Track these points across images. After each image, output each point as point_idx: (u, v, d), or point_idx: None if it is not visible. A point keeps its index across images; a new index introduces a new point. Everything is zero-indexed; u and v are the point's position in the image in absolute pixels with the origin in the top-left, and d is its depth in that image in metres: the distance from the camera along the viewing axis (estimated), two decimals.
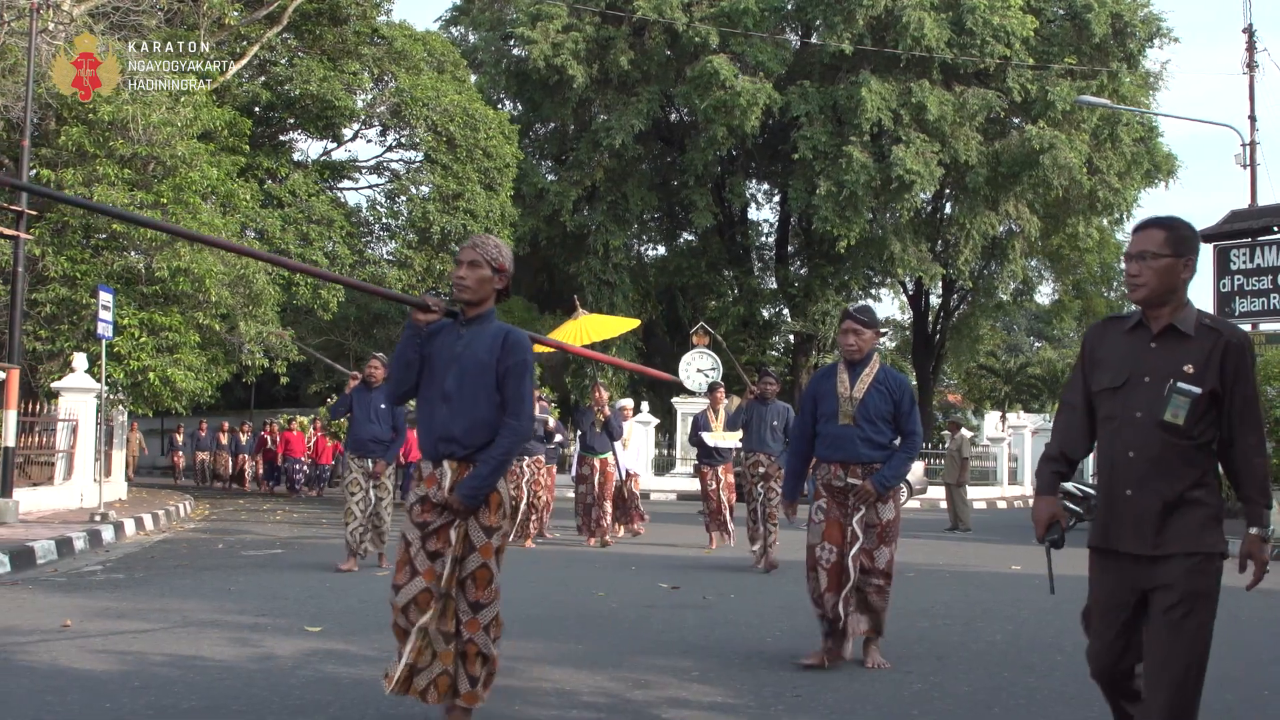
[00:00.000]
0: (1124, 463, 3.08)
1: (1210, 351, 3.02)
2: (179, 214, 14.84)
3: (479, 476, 3.73)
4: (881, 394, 5.28)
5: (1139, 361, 3.09)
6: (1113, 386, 3.12)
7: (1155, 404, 3.02)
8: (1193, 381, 3.00)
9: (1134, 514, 3.05)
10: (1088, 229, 28.21)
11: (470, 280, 3.86)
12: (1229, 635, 6.54)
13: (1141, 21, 26.82)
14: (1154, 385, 3.04)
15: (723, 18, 25.67)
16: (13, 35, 14.31)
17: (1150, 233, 3.12)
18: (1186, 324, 3.06)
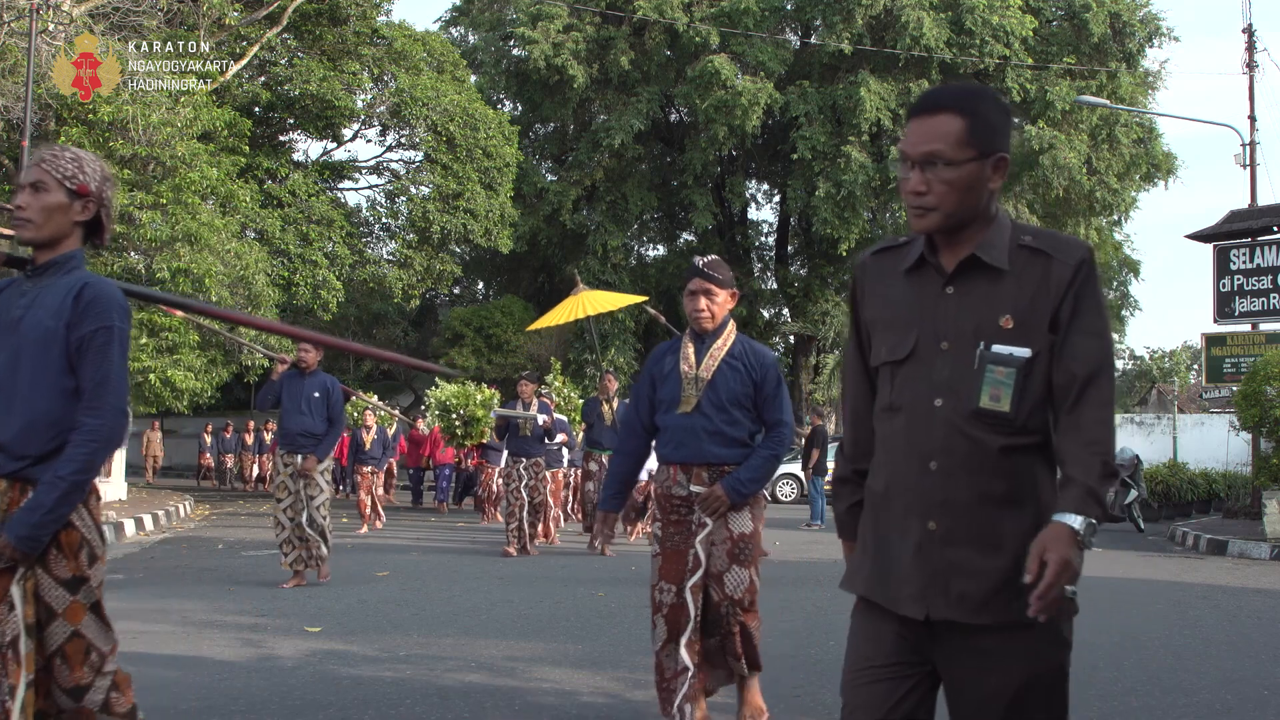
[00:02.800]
0: (918, 480, 1.99)
1: (1039, 288, 1.96)
2: (179, 214, 14.85)
3: (39, 507, 2.48)
4: (737, 373, 3.95)
5: (930, 318, 2.01)
6: (894, 359, 2.04)
7: (962, 383, 1.96)
8: (1014, 340, 1.95)
9: (934, 559, 1.98)
10: (1088, 229, 28.21)
11: (33, 210, 2.73)
12: (1229, 635, 6.55)
13: (1140, 21, 26.82)
14: (957, 354, 1.98)
15: (723, 18, 25.68)
16: (13, 35, 14.31)
17: (939, 121, 1.98)
18: (996, 251, 2.00)
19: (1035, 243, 2.01)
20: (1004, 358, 1.94)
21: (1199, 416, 32.78)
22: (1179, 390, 50.00)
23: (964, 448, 1.95)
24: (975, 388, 1.94)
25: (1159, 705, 4.62)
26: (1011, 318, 1.96)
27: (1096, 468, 1.89)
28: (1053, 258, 1.97)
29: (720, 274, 4.00)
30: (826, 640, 6.03)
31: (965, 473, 1.95)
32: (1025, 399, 1.94)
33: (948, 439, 1.96)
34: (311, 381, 7.93)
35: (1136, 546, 13.35)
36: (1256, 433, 14.26)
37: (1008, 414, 1.93)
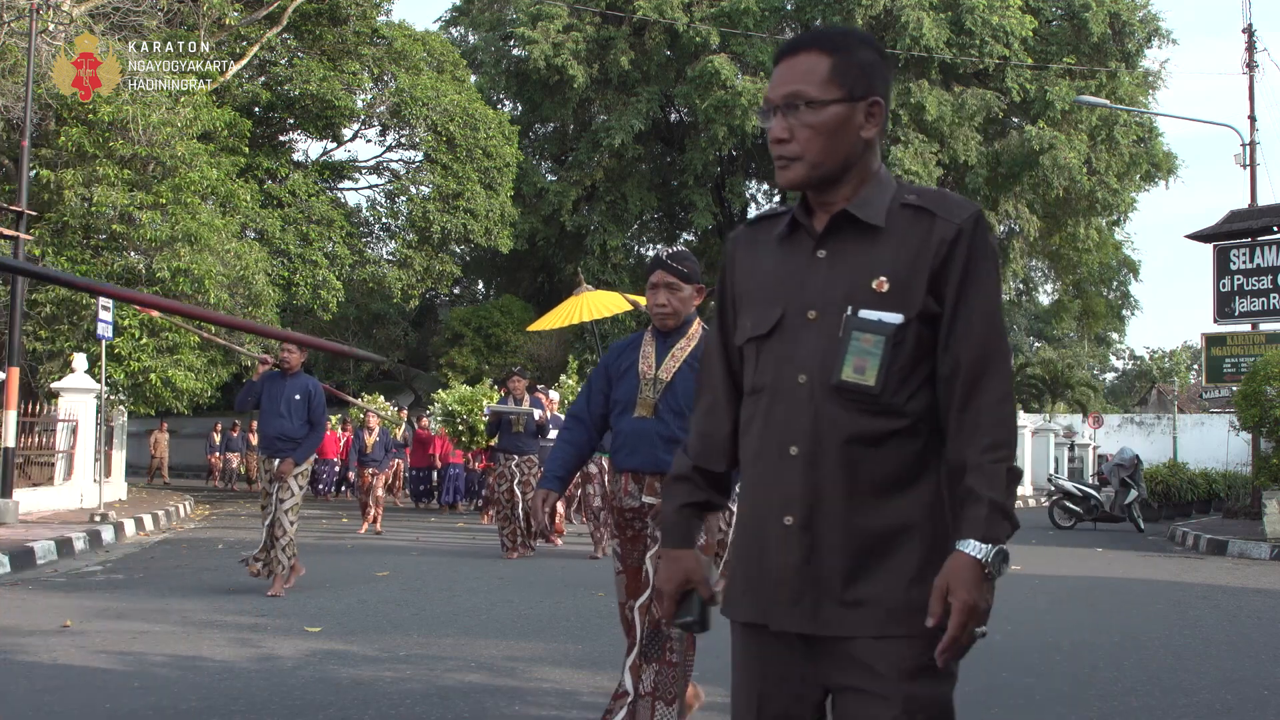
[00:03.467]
0: (777, 470, 1.74)
1: (919, 248, 1.71)
2: (179, 214, 14.85)
3: None
4: None
5: (799, 286, 1.76)
6: (757, 334, 1.79)
7: (828, 356, 1.71)
8: (887, 305, 1.70)
9: (795, 561, 1.72)
10: (1087, 229, 28.22)
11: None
12: (1229, 635, 6.55)
13: (1140, 21, 26.83)
14: (825, 323, 1.73)
15: (723, 18, 25.68)
16: (13, 35, 14.31)
17: (801, 60, 1.76)
18: (872, 208, 1.75)
19: (920, 200, 1.75)
20: (872, 324, 1.69)
21: (1199, 416, 32.82)
22: (1179, 390, 49.99)
23: (827, 431, 1.70)
24: (839, 358, 1.69)
25: (1159, 705, 4.62)
26: (887, 280, 1.70)
27: (1000, 478, 1.64)
28: (936, 216, 1.72)
29: (685, 266, 3.68)
30: None
31: (830, 461, 1.70)
32: (895, 373, 1.69)
33: (810, 421, 1.71)
34: (293, 383, 7.55)
35: (1136, 546, 13.35)
36: (1256, 433, 14.26)
37: (872, 389, 1.67)
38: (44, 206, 14.54)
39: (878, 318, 1.69)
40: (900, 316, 1.69)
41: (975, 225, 1.72)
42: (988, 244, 1.74)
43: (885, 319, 1.69)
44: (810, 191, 1.79)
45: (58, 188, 14.62)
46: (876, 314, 1.69)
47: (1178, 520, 17.15)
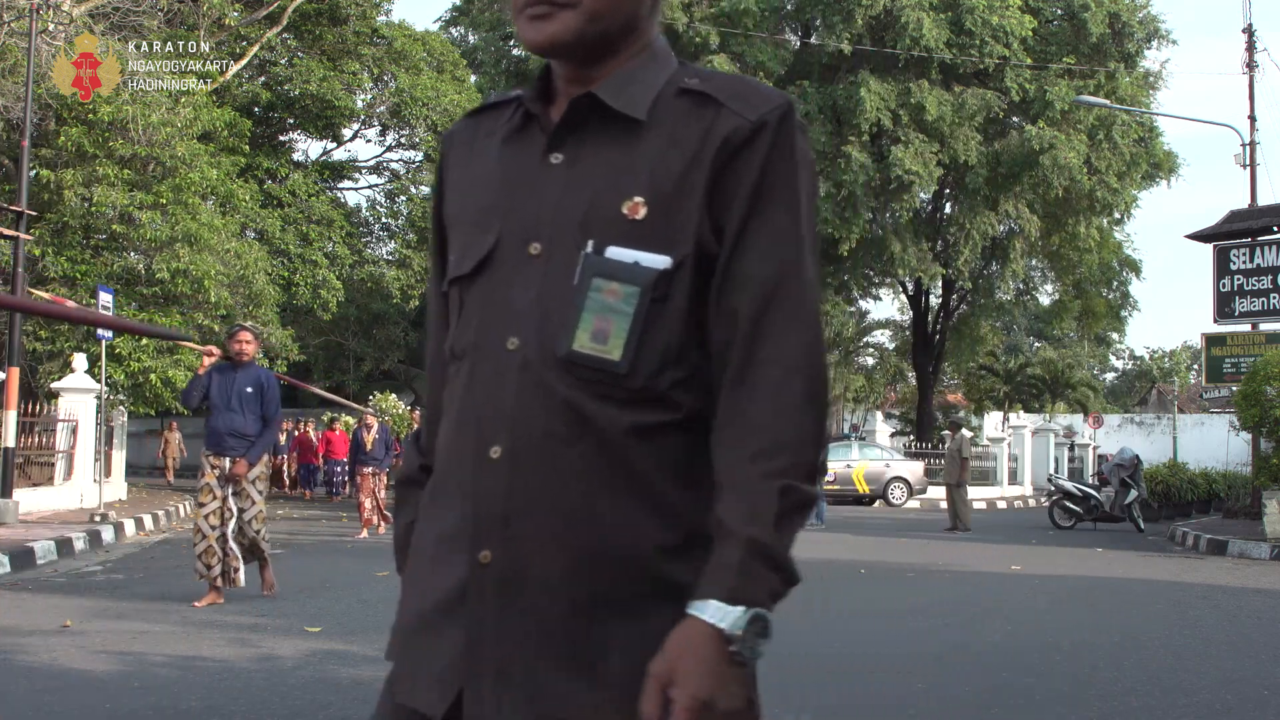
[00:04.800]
0: (472, 478, 1.19)
1: (696, 153, 1.18)
2: (179, 214, 14.85)
3: None
4: None
5: (521, 206, 1.22)
6: (460, 274, 1.26)
7: (554, 310, 1.17)
8: (646, 239, 1.17)
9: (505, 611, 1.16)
10: (1088, 229, 28.23)
11: None
12: (1229, 635, 6.55)
13: (1139, 22, 26.84)
14: (552, 261, 1.19)
15: (723, 18, 25.68)
16: (13, 35, 14.31)
17: None
18: (634, 92, 1.21)
19: (704, 85, 1.20)
20: (622, 268, 1.14)
21: (1199, 416, 32.85)
22: (1179, 390, 50.03)
23: (547, 423, 1.14)
24: (571, 317, 1.14)
25: (1159, 705, 4.62)
26: (645, 202, 1.15)
27: (770, 502, 1.08)
28: (724, 107, 1.17)
29: None
30: (826, 640, 6.04)
31: (547, 471, 1.14)
32: (656, 343, 1.14)
33: (522, 407, 1.15)
34: (244, 375, 6.99)
35: (1136, 546, 13.35)
36: (1256, 433, 14.26)
37: (616, 365, 1.13)
38: (44, 206, 14.53)
39: (633, 259, 1.14)
40: (666, 259, 1.14)
41: (780, 122, 1.17)
42: (795, 150, 1.18)
43: (643, 261, 1.14)
44: (567, 63, 1.23)
45: (58, 188, 14.61)
46: (631, 253, 1.15)
47: (1178, 520, 17.15)
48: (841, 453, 22.22)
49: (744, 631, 1.07)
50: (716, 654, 1.07)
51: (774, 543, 1.09)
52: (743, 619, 1.07)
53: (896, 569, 9.91)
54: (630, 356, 1.15)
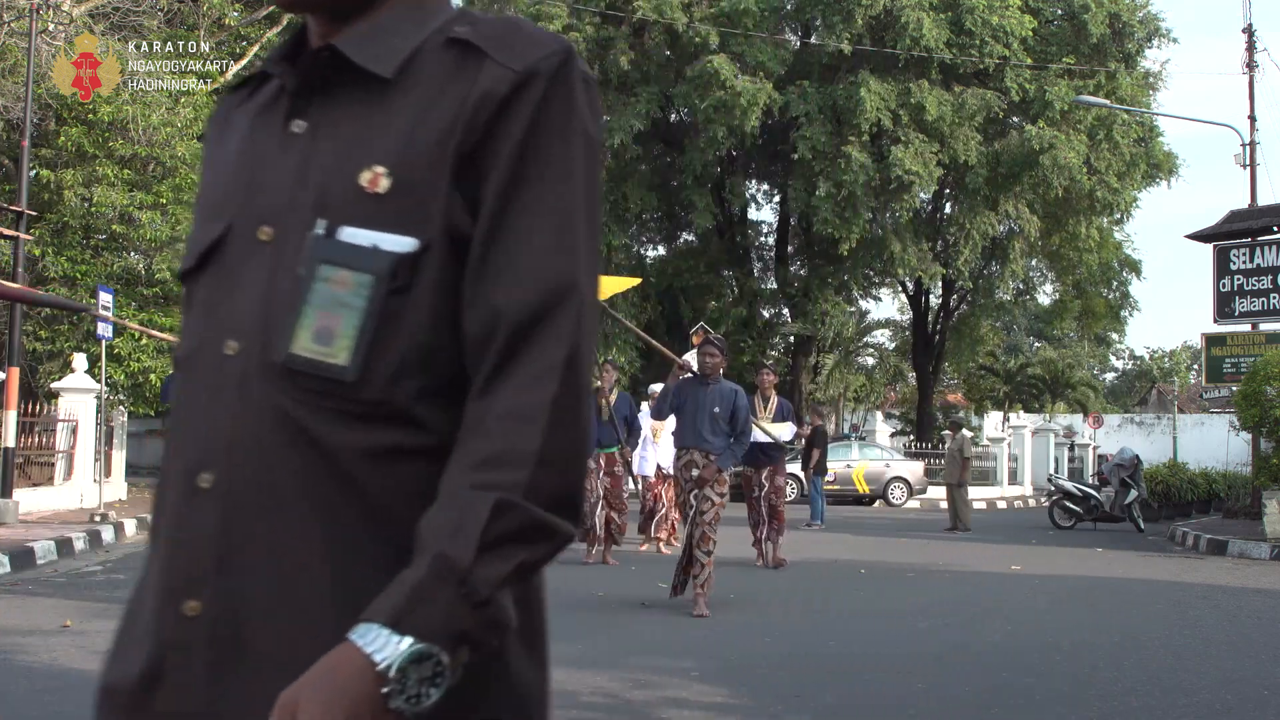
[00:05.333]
0: (179, 511, 0.98)
1: (454, 115, 0.96)
2: (179, 214, 14.85)
3: None
4: None
5: (256, 182, 1.02)
6: (186, 268, 1.06)
7: (280, 306, 0.96)
8: (387, 218, 0.96)
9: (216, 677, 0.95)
10: (1088, 229, 28.24)
11: None
12: (1229, 635, 6.56)
13: (1139, 22, 26.86)
14: (283, 248, 0.98)
15: (723, 18, 25.68)
16: (13, 35, 14.32)
17: None
18: (382, 44, 1.02)
19: (470, 34, 1.00)
20: (354, 253, 0.95)
21: (1199, 416, 32.84)
22: (1179, 390, 50.03)
23: (265, 445, 0.94)
24: (293, 314, 0.95)
25: (1159, 705, 4.62)
26: (387, 173, 0.96)
27: (477, 514, 0.87)
28: (488, 58, 0.97)
29: None
30: (826, 640, 6.04)
31: (266, 502, 0.94)
32: (394, 345, 0.94)
33: (238, 426, 0.95)
34: None
35: (1136, 546, 13.35)
36: (1256, 433, 14.27)
37: (342, 370, 0.93)
38: (44, 206, 14.53)
39: (370, 242, 0.95)
40: (411, 241, 0.95)
41: (555, 73, 0.98)
42: (573, 107, 0.98)
43: (383, 245, 0.95)
44: (318, 18, 1.05)
45: (58, 188, 14.61)
46: (369, 235, 0.95)
47: (1178, 520, 17.15)
48: (841, 453, 22.23)
49: (403, 670, 0.82)
50: (358, 695, 0.82)
51: (473, 567, 0.85)
52: (404, 654, 0.82)
53: (896, 569, 9.91)
54: (360, 361, 0.93)
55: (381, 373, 0.94)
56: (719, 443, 6.90)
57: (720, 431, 6.94)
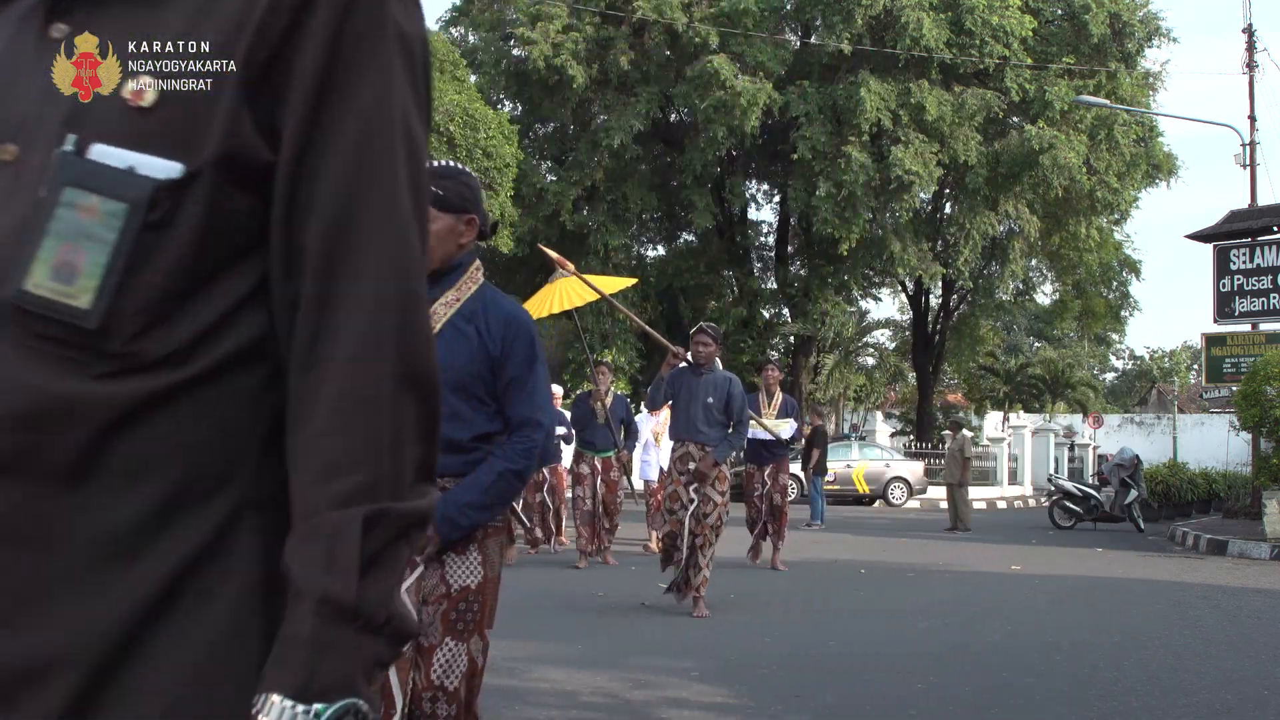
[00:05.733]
0: None
1: (242, 15, 0.82)
2: None
3: None
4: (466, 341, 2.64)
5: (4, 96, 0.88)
6: None
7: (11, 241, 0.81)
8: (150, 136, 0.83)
9: None
10: (1088, 229, 28.25)
11: None
12: (1229, 635, 6.56)
13: (1140, 21, 26.86)
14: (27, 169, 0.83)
15: (723, 18, 25.68)
16: None
17: None
18: None
19: None
20: (107, 176, 0.81)
21: (1199, 416, 32.84)
22: (1179, 390, 50.04)
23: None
24: (30, 244, 0.80)
25: (1159, 705, 4.62)
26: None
27: (351, 538, 0.78)
28: None
29: (442, 186, 2.56)
30: (826, 640, 6.04)
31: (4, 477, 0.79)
32: (145, 289, 0.80)
33: None
34: None
35: (1136, 546, 13.36)
36: (1256, 433, 14.26)
37: (83, 315, 0.79)
38: None
39: (126, 163, 0.82)
40: (176, 166, 0.81)
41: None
42: (386, 11, 0.85)
43: (141, 168, 0.81)
44: None
45: None
46: (125, 155, 0.82)
47: (1178, 520, 17.15)
48: (841, 453, 22.23)
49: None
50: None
51: (361, 595, 0.77)
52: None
53: (896, 569, 9.91)
54: (104, 305, 0.79)
55: (127, 322, 0.80)
56: (714, 434, 6.71)
57: (715, 422, 6.75)
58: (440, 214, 2.55)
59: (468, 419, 2.58)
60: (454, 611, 2.51)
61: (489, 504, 2.54)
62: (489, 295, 2.68)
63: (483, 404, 2.61)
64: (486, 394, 2.61)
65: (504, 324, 2.63)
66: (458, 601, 2.51)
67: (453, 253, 2.61)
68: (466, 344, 2.58)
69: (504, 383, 2.61)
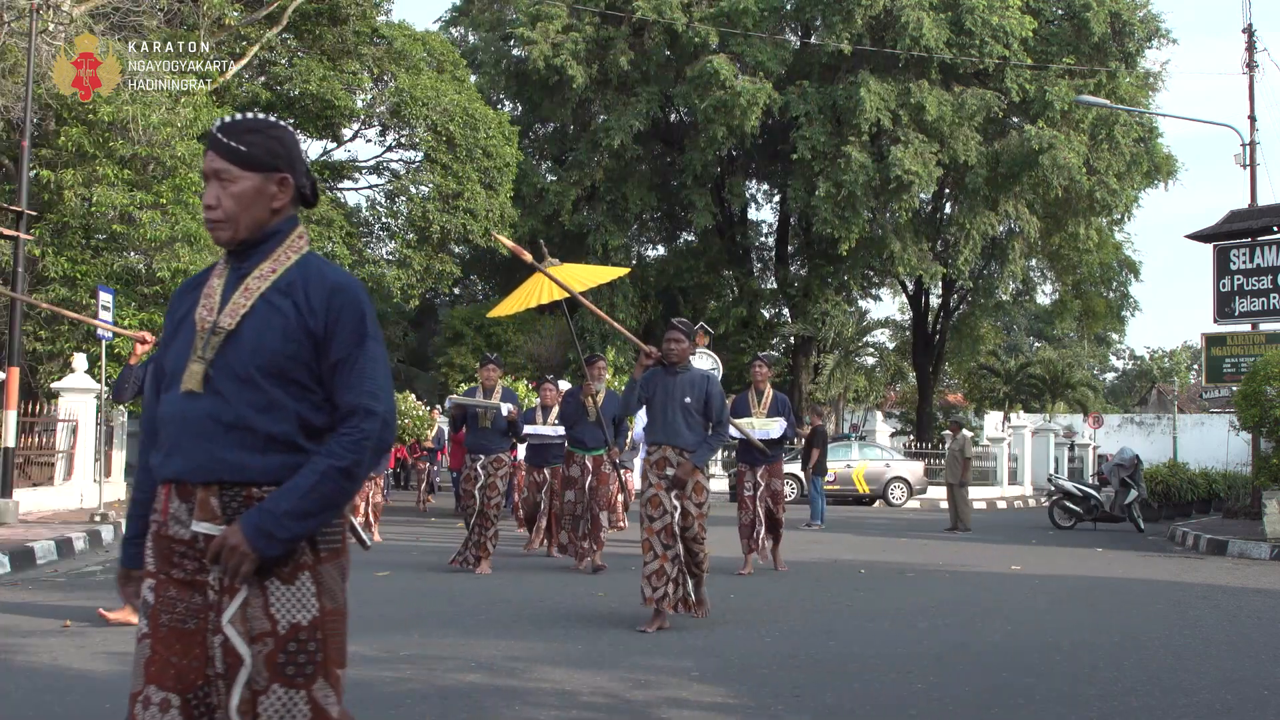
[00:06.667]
0: None
1: None
2: (179, 214, 14.85)
3: None
4: (282, 318, 2.27)
5: None
6: None
7: None
8: None
9: None
10: (1087, 229, 28.26)
11: None
12: (1229, 635, 6.55)
13: (1140, 21, 26.87)
14: None
15: (722, 18, 25.68)
16: (13, 35, 14.31)
17: None
18: None
19: None
20: None
21: (1199, 416, 32.86)
22: (1179, 390, 50.05)
23: None
24: None
25: (1159, 705, 4.62)
26: None
27: None
28: None
29: (244, 142, 2.26)
30: (826, 640, 6.04)
31: None
32: None
33: None
34: None
35: (1136, 546, 13.35)
36: (1256, 433, 14.26)
37: None
38: (44, 206, 14.53)
39: None
40: None
41: None
42: None
43: None
44: None
45: (58, 188, 14.61)
46: None
47: (1178, 520, 17.15)
48: (841, 453, 22.22)
49: None
50: None
51: None
52: None
53: (896, 569, 9.91)
54: None
55: None
56: (693, 437, 6.25)
57: (694, 424, 6.28)
58: (244, 173, 2.25)
59: (287, 410, 2.20)
60: (282, 653, 2.14)
61: (312, 511, 2.15)
62: (312, 264, 2.31)
63: (307, 391, 2.23)
64: (311, 379, 2.23)
65: (327, 295, 2.25)
66: (286, 641, 2.14)
67: (264, 218, 2.29)
68: (282, 320, 2.23)
69: (330, 364, 2.23)
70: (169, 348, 2.33)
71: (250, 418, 2.18)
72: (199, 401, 2.20)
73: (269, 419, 2.18)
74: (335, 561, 2.24)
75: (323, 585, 2.19)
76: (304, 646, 2.15)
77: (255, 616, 2.14)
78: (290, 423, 2.20)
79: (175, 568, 2.21)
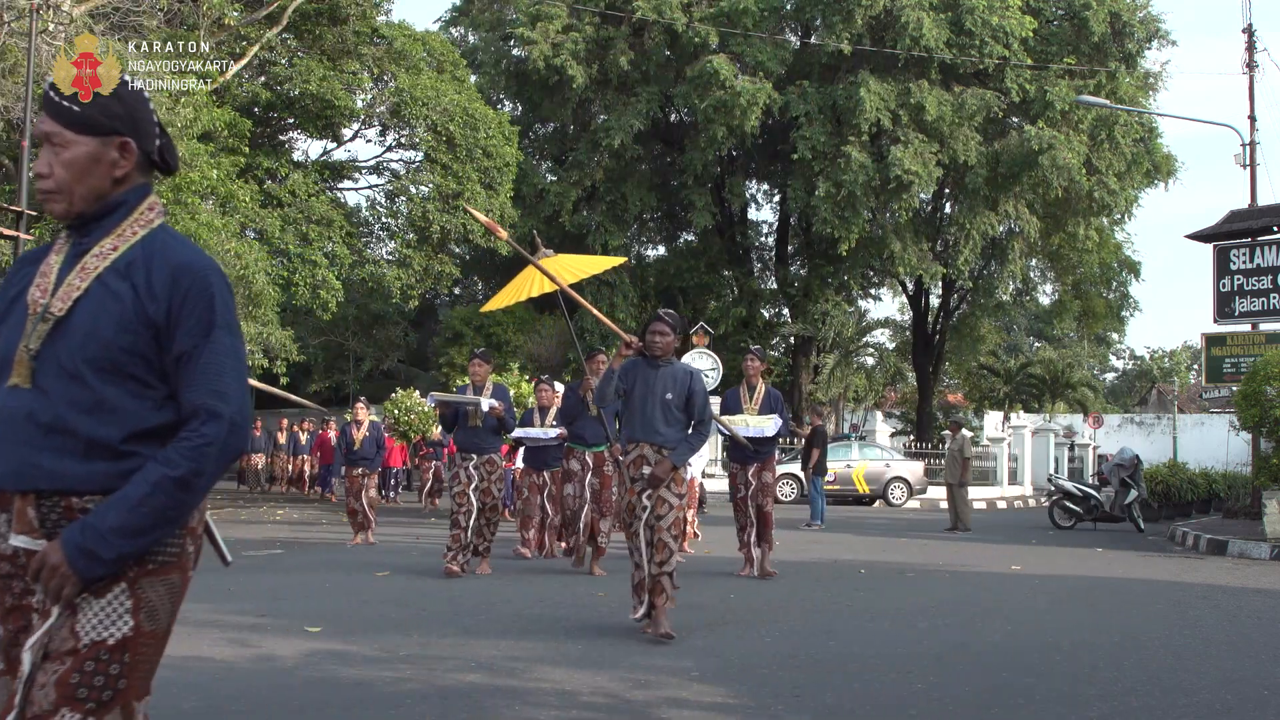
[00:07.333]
0: None
1: None
2: (179, 214, 14.85)
3: None
4: (118, 302, 1.97)
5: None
6: None
7: None
8: None
9: None
10: (1087, 229, 28.27)
11: None
12: (1229, 635, 6.55)
13: (1140, 22, 26.87)
14: None
15: (722, 18, 25.68)
16: (13, 35, 14.32)
17: None
18: None
19: None
20: None
21: (1199, 416, 32.84)
22: (1179, 390, 50.05)
23: None
24: None
25: (1159, 705, 4.62)
26: None
27: None
28: None
29: (70, 100, 2.16)
30: (826, 640, 6.04)
31: None
32: None
33: None
34: None
35: (1136, 546, 13.35)
36: (1256, 433, 14.26)
37: None
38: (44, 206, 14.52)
39: None
40: None
41: None
42: None
43: None
44: None
45: None
46: None
47: (1178, 520, 17.15)
48: (841, 453, 22.22)
49: None
50: None
51: None
52: None
53: (896, 569, 9.91)
54: None
55: None
56: (673, 434, 5.90)
57: (675, 421, 5.92)
58: (77, 136, 2.04)
59: (120, 411, 1.92)
60: (76, 673, 1.85)
61: (144, 528, 1.87)
62: (160, 240, 2.01)
63: (146, 388, 1.94)
64: (151, 374, 1.95)
65: (170, 277, 1.95)
66: (85, 659, 1.86)
67: (103, 188, 2.03)
68: (118, 306, 1.94)
69: (172, 358, 1.95)
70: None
71: (70, 419, 1.90)
72: (21, 398, 1.92)
73: (93, 421, 1.90)
74: (164, 577, 1.94)
75: (142, 602, 1.91)
76: (104, 668, 1.86)
77: (58, 632, 1.87)
78: (121, 425, 1.91)
79: (4, 591, 1.94)
